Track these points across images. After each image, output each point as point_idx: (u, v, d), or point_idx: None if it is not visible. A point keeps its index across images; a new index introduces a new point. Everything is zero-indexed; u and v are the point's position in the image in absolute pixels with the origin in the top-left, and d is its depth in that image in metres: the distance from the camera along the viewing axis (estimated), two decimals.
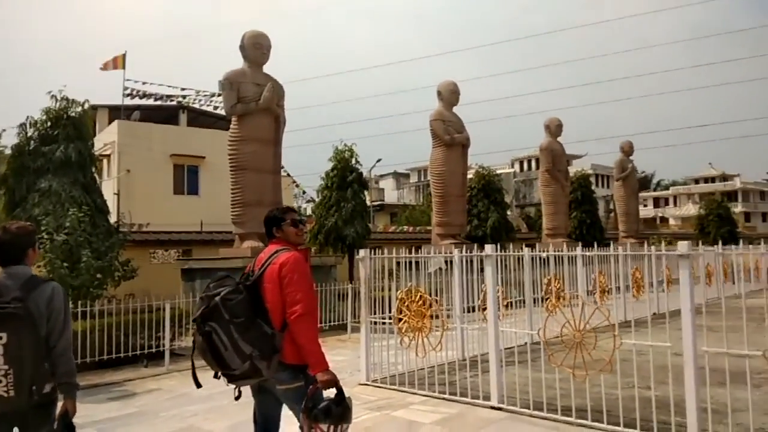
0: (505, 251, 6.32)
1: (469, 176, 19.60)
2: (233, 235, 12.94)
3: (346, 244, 16.42)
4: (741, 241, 33.95)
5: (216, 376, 3.14)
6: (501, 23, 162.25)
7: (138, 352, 9.10)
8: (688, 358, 4.43)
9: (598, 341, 4.86)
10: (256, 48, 12.38)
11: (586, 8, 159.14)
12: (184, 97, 28.56)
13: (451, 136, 15.87)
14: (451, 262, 6.85)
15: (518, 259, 6.94)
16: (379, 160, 33.43)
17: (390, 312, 6.74)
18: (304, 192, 35.84)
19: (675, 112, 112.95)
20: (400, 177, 65.91)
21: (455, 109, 16.64)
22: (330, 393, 3.09)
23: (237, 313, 3.04)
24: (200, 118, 28.07)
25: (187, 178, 24.18)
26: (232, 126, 12.36)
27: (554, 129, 20.52)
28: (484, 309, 7.90)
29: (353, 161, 17.22)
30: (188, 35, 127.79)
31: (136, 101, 27.45)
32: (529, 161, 57.40)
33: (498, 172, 29.38)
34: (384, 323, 6.73)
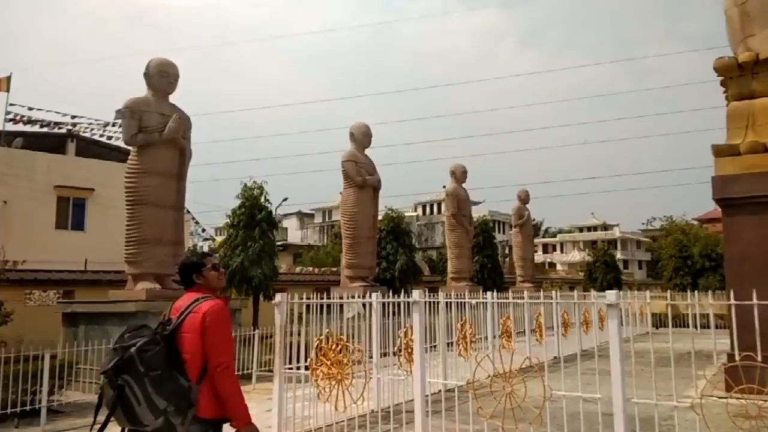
0: (430, 296, 6.14)
1: (379, 218, 19.61)
2: (125, 275, 11.85)
3: (252, 286, 15.65)
4: (623, 287, 36.60)
5: None
6: (403, 71, 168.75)
7: (8, 410, 7.86)
8: (617, 408, 4.40)
9: (516, 386, 4.72)
10: (162, 76, 11.70)
11: (480, 65, 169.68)
12: (74, 125, 26.56)
13: (363, 178, 15.80)
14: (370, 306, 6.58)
15: (447, 304, 6.77)
16: (285, 199, 32.68)
17: (303, 361, 6.31)
18: (203, 230, 34.27)
19: (561, 164, 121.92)
20: (304, 217, 65.18)
21: (367, 152, 16.66)
22: None
23: (153, 365, 2.91)
24: (91, 148, 26.14)
25: (72, 211, 22.29)
26: (131, 157, 11.47)
27: (459, 175, 21.14)
28: (402, 354, 7.69)
29: (262, 199, 16.64)
30: (88, 61, 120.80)
31: (20, 127, 25.16)
32: (431, 205, 59.03)
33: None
34: (295, 370, 6.26)
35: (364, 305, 7.31)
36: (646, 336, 18.39)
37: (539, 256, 69.94)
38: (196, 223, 34.74)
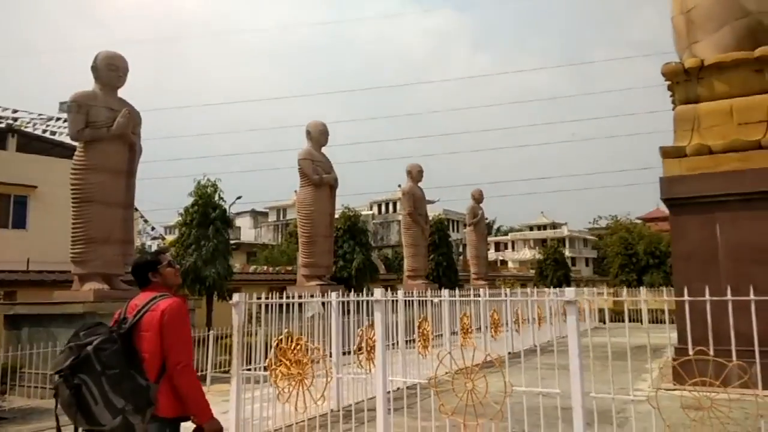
0: (391, 293, 6.12)
1: (336, 217, 19.52)
2: (71, 275, 11.36)
3: (206, 286, 15.27)
4: (572, 284, 37.65)
5: None
6: (358, 71, 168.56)
7: None
8: (576, 403, 4.49)
9: (478, 382, 4.76)
10: (110, 69, 11.26)
11: (434, 66, 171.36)
12: (15, 119, 25.30)
13: (319, 176, 15.67)
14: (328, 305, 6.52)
15: (408, 303, 6.76)
16: (239, 198, 32.11)
17: (261, 361, 6.19)
18: (152, 228, 33.28)
19: (512, 165, 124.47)
20: (257, 215, 64.22)
21: (324, 150, 16.54)
22: None
23: (110, 364, 2.87)
24: (33, 144, 24.97)
25: (12, 209, 21.21)
26: (77, 153, 11.00)
27: (416, 174, 21.25)
28: (361, 352, 7.65)
29: (217, 197, 16.26)
30: (30, 54, 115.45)
31: None
32: (387, 204, 59.22)
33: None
34: (254, 371, 6.15)
35: (323, 304, 7.26)
36: (594, 331, 19.03)
37: (492, 254, 71.17)
38: (145, 221, 33.73)
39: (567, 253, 66.47)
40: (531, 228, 78.66)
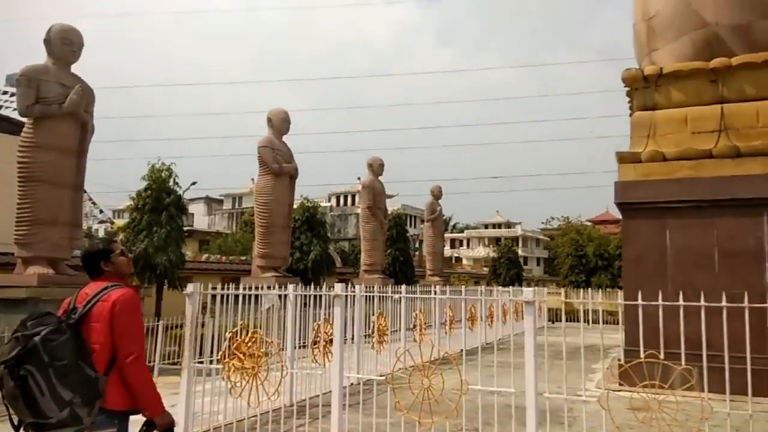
0: (348, 287, 6.06)
1: (294, 208, 19.29)
2: (14, 258, 10.83)
3: (156, 274, 14.83)
4: (523, 283, 38.44)
5: (18, 428, 2.85)
6: (320, 59, 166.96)
7: None
8: (530, 402, 4.54)
9: (434, 380, 4.76)
10: (64, 43, 10.72)
11: (397, 58, 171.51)
12: None
13: (279, 165, 15.41)
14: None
15: (369, 298, 6.71)
16: (194, 183, 31.19)
17: (214, 354, 6.04)
18: (101, 211, 32.17)
19: (471, 161, 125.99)
20: (212, 202, 62.95)
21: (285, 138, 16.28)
22: None
23: (58, 355, 2.80)
24: None
25: None
26: (26, 129, 10.45)
27: (376, 168, 21.20)
28: (316, 347, 7.56)
29: (171, 182, 15.79)
30: None
31: None
32: (346, 197, 58.99)
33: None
34: (206, 363, 5.99)
35: (280, 297, 7.13)
36: (541, 330, 19.46)
37: (447, 251, 71.92)
38: (93, 204, 32.57)
39: (520, 252, 67.91)
40: (486, 226, 79.88)
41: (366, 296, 6.91)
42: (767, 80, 9.39)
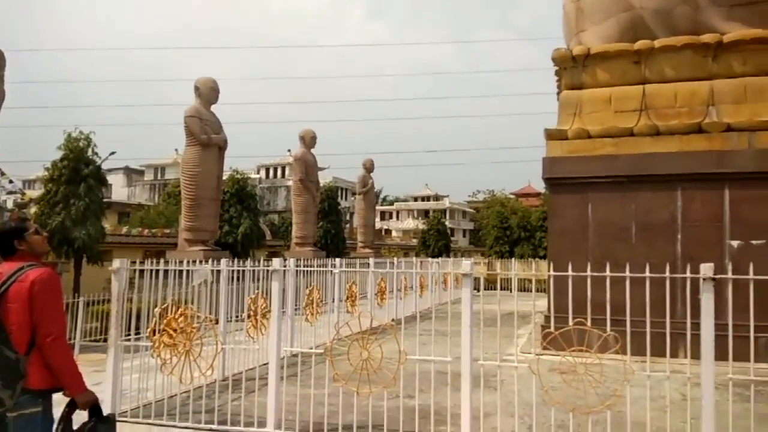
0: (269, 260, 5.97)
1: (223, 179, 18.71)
2: None
3: (75, 249, 14.02)
4: (451, 254, 39.45)
5: None
6: (250, 28, 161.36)
7: None
8: (465, 370, 4.68)
9: (372, 349, 4.81)
10: None
11: (328, 29, 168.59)
12: None
13: (207, 136, 14.89)
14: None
15: (307, 273, 6.64)
16: (113, 153, 29.42)
17: (143, 331, 5.82)
18: (10, 181, 30.01)
19: (401, 135, 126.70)
20: (132, 173, 60.08)
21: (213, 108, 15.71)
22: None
23: None
24: None
25: None
26: None
27: (309, 140, 20.92)
28: (250, 321, 7.44)
29: (90, 152, 14.87)
30: None
31: None
32: (275, 169, 57.90)
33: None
34: (133, 341, 5.77)
35: (212, 272, 6.94)
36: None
37: (377, 223, 72.51)
38: (2, 173, 30.28)
39: (447, 224, 69.52)
40: (415, 199, 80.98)
41: (305, 270, 6.85)
42: (685, 63, 9.91)
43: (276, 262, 5.28)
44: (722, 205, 9.25)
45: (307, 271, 8.73)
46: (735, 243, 9.11)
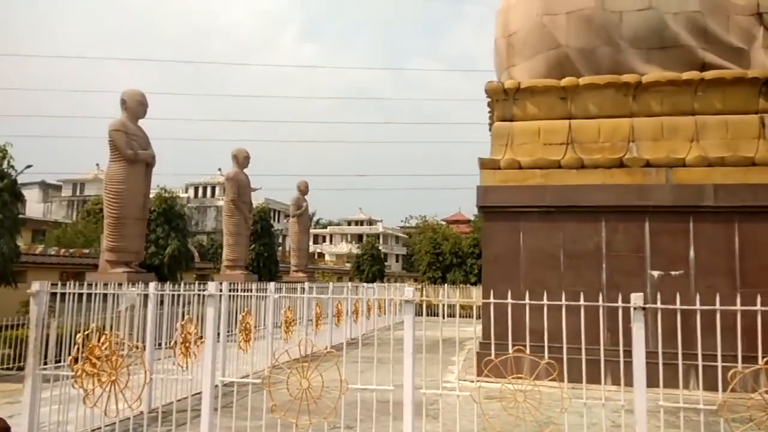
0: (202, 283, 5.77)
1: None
2: None
3: None
4: (384, 279, 39.55)
5: None
6: (179, 40, 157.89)
7: None
8: (407, 398, 4.66)
9: (312, 378, 4.70)
10: None
11: (261, 48, 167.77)
12: None
13: (134, 152, 14.29)
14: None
15: (240, 297, 6.42)
16: (29, 166, 27.54)
17: (63, 359, 5.44)
18: None
19: (334, 158, 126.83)
20: (49, 188, 56.64)
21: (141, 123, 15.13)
22: None
23: None
24: None
25: None
26: None
27: (242, 160, 20.53)
28: (178, 348, 7.11)
29: (5, 164, 13.87)
30: None
31: None
32: (205, 188, 56.27)
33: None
34: (49, 369, 5.37)
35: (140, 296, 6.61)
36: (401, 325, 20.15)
37: (310, 247, 71.69)
38: None
39: (381, 249, 69.76)
40: (349, 223, 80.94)
41: (240, 295, 6.64)
42: (608, 101, 10.54)
43: (211, 286, 5.10)
44: (643, 237, 9.81)
45: (240, 295, 8.49)
46: (656, 273, 9.66)
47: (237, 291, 6.17)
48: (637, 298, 4.47)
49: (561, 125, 10.72)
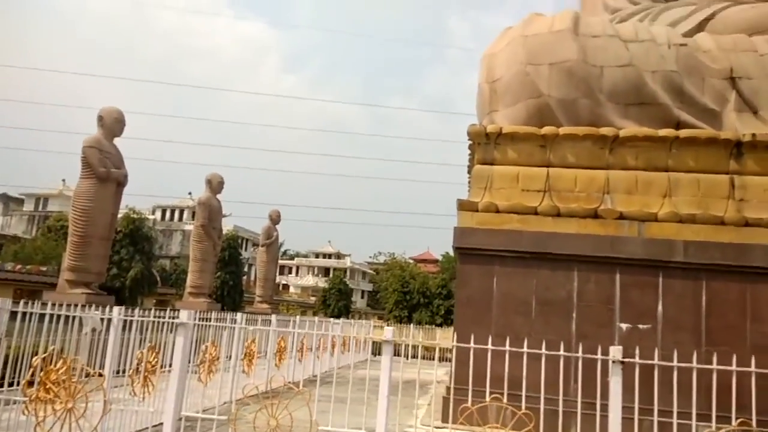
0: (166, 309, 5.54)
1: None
2: None
3: None
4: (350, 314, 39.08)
5: None
6: (159, 61, 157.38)
7: None
8: None
9: (280, 417, 4.50)
10: None
11: (241, 75, 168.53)
12: None
13: (107, 170, 13.95)
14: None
15: (204, 326, 6.19)
16: None
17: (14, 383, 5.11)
18: None
19: (305, 189, 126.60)
20: (10, 201, 54.90)
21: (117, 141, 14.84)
22: None
23: None
24: None
25: None
26: None
27: (216, 185, 20.25)
28: (137, 378, 6.78)
29: None
30: None
31: None
32: (173, 211, 55.30)
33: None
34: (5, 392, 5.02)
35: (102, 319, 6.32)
36: (365, 363, 19.77)
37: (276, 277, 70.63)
38: None
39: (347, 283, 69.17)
40: (317, 255, 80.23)
41: (211, 325, 6.40)
42: (585, 152, 10.75)
43: (183, 315, 4.89)
44: (614, 288, 9.89)
45: (203, 324, 8.20)
46: (624, 326, 9.71)
47: (210, 320, 5.94)
48: (616, 351, 4.44)
49: (539, 172, 10.86)
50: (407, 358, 16.15)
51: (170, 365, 7.14)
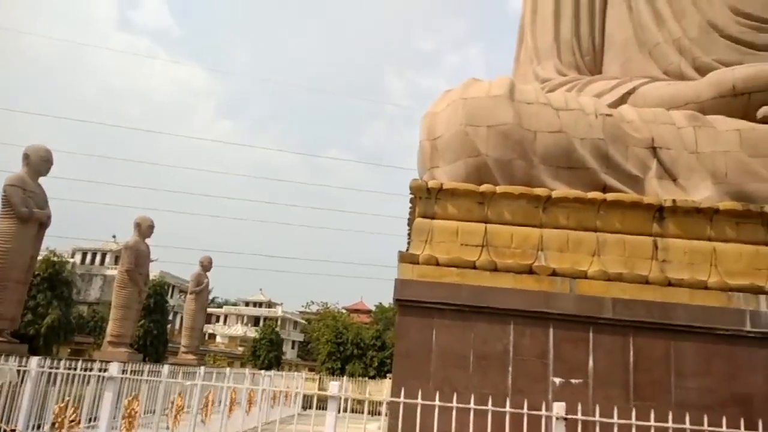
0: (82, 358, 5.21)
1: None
2: None
3: None
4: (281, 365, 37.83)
5: None
6: (90, 100, 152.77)
7: None
8: None
9: None
10: None
11: (175, 120, 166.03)
12: None
13: (29, 210, 13.21)
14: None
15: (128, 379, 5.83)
16: None
17: None
18: None
19: (235, 236, 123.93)
20: None
21: (42, 181, 14.13)
22: None
23: None
24: None
25: None
26: None
27: (145, 229, 19.53)
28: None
29: None
30: None
31: None
32: (94, 254, 52.49)
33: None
34: None
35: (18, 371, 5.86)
36: (300, 417, 19.13)
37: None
38: None
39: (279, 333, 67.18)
40: (247, 303, 77.93)
41: (138, 379, 6.01)
42: (521, 210, 11.17)
43: (113, 368, 4.59)
44: (548, 343, 10.12)
45: (129, 378, 7.71)
46: (557, 380, 9.91)
47: (141, 373, 5.60)
48: (559, 408, 4.51)
49: (477, 228, 11.16)
50: (339, 412, 15.74)
51: (90, 420, 6.65)
